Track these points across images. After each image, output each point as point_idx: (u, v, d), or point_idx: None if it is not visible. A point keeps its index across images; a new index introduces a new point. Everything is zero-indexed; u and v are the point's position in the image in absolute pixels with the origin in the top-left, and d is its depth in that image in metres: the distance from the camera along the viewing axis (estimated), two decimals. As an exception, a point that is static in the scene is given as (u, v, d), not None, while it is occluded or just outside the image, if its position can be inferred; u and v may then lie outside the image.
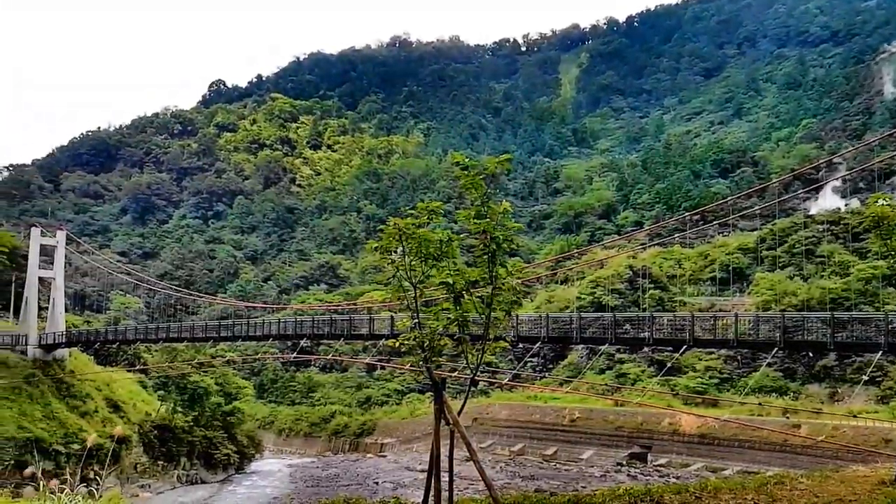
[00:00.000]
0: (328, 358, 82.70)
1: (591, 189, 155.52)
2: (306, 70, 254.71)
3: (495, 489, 10.55)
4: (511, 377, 64.37)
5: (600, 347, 50.43)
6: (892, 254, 14.88)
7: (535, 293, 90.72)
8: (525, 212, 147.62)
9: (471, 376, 10.28)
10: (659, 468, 56.07)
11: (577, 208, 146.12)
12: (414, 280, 9.97)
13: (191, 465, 59.66)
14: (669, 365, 58.23)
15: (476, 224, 9.58)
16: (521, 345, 50.06)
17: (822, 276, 71.83)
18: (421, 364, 10.19)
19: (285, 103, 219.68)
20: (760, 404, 53.84)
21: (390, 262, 10.04)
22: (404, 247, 9.81)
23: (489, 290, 9.68)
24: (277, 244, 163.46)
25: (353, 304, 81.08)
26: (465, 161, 9.76)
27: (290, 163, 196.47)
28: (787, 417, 53.34)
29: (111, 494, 15.26)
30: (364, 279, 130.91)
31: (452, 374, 29.71)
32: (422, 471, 52.30)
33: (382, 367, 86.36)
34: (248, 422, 73.79)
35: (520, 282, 11.28)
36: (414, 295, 10.03)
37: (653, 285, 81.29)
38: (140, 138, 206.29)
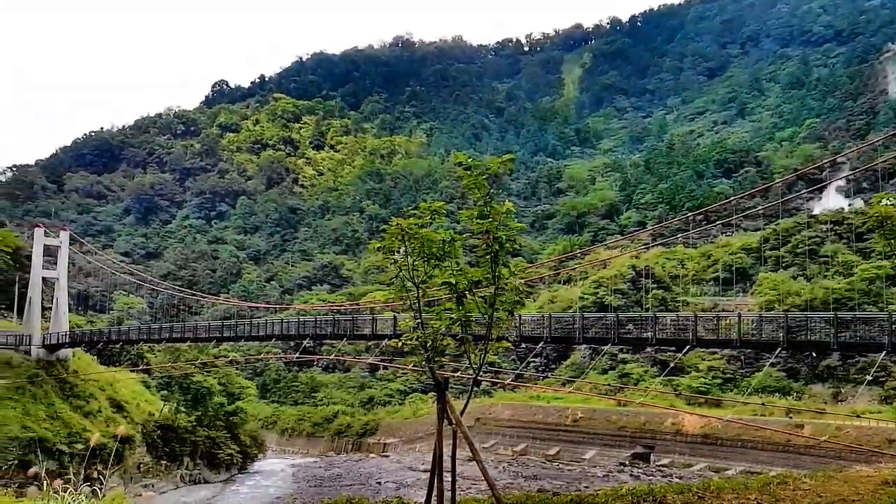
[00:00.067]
0: (331, 358, 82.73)
1: (594, 189, 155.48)
2: (309, 70, 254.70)
3: (498, 489, 10.56)
4: (514, 377, 64.38)
5: (603, 347, 50.43)
6: (895, 254, 14.83)
7: (538, 293, 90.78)
8: (528, 212, 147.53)
9: (473, 376, 10.30)
10: (662, 468, 55.99)
11: (579, 208, 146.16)
12: (417, 280, 9.98)
13: (194, 464, 59.68)
14: (672, 365, 58.23)
15: (479, 224, 9.59)
16: (523, 345, 49.89)
17: (825, 277, 71.79)
18: (424, 364, 10.18)
19: (288, 103, 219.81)
20: (763, 404, 53.71)
21: (393, 262, 10.04)
22: (407, 247, 9.80)
23: (492, 290, 9.70)
24: (280, 244, 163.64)
25: (356, 304, 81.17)
26: (468, 161, 9.78)
27: (293, 163, 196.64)
28: (791, 418, 53.26)
29: (114, 494, 15.29)
30: (367, 279, 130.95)
31: (455, 374, 29.67)
32: (424, 471, 52.23)
33: (385, 368, 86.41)
34: (250, 422, 73.91)
35: (522, 282, 11.27)
36: (417, 295, 10.04)
37: (656, 285, 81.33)
38: (143, 139, 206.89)
